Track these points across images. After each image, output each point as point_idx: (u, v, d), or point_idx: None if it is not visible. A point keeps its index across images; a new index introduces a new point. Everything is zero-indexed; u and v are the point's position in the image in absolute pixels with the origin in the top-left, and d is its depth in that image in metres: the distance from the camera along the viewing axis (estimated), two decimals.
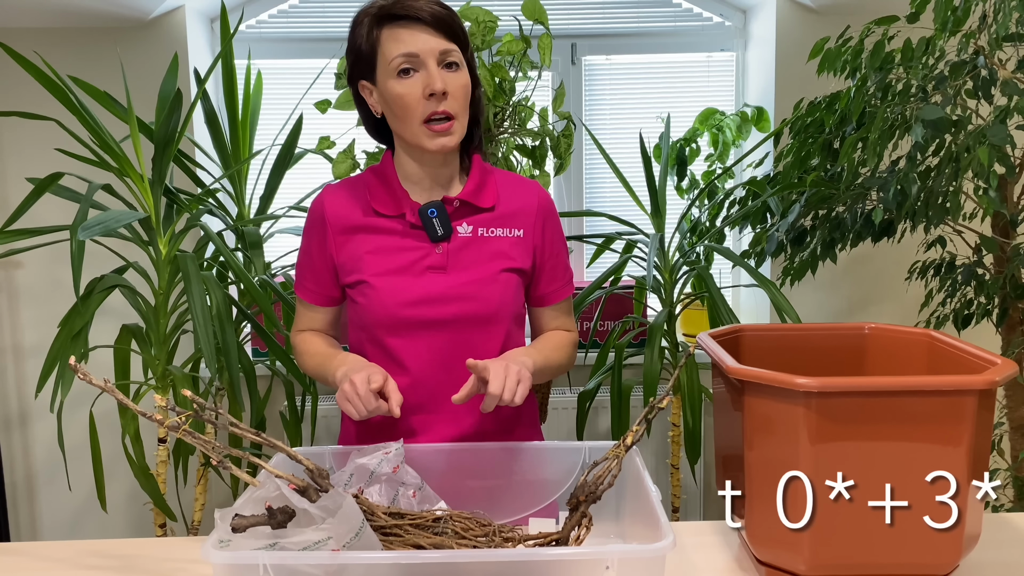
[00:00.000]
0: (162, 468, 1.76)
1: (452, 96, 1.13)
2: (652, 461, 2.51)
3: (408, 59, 1.11)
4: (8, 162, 2.38)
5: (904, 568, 0.92)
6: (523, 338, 1.31)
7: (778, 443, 0.91)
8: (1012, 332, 1.84)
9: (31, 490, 2.53)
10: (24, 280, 2.43)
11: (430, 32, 1.12)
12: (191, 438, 0.85)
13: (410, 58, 1.11)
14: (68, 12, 2.20)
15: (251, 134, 2.14)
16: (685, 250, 2.13)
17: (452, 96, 1.13)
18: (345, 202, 1.24)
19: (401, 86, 1.12)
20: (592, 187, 2.66)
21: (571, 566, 0.81)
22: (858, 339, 1.18)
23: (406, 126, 1.15)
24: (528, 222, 1.26)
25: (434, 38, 1.12)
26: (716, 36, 2.60)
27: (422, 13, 1.12)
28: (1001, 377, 0.87)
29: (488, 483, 1.12)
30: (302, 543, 0.81)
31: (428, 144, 1.15)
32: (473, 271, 1.21)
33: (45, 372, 1.55)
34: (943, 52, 1.66)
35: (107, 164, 1.72)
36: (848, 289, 2.54)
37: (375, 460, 1.04)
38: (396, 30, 1.13)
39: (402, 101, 1.13)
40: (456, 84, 1.14)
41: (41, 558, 1.09)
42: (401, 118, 1.15)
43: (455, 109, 1.14)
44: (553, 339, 1.30)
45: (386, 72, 1.13)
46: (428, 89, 1.11)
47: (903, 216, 1.75)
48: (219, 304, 1.59)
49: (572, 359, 1.33)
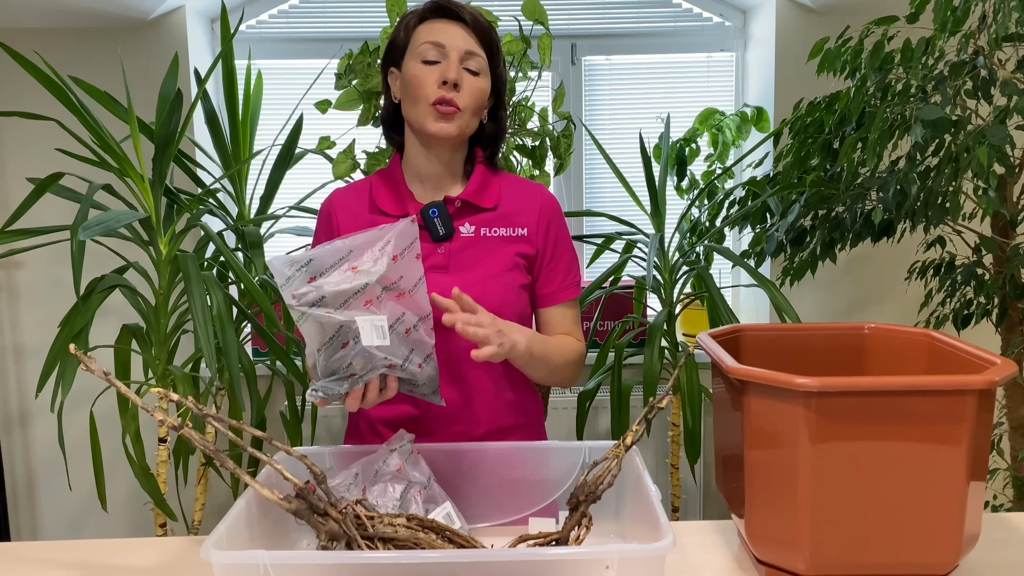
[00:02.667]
0: (162, 468, 1.76)
1: (465, 92, 1.18)
2: (652, 461, 2.51)
3: (435, 47, 1.18)
4: (8, 162, 2.38)
5: (904, 568, 0.92)
6: None
7: (778, 443, 0.91)
8: (1012, 332, 1.84)
9: (31, 490, 2.53)
10: (24, 280, 2.43)
11: (464, 30, 1.19)
12: (195, 432, 0.85)
13: (437, 47, 1.18)
14: (68, 12, 2.20)
15: (251, 134, 2.14)
16: (685, 250, 2.13)
17: (465, 92, 1.18)
18: (352, 201, 1.28)
19: (421, 70, 1.18)
20: (592, 187, 2.66)
21: (571, 566, 0.81)
22: (858, 339, 1.18)
23: (415, 107, 1.19)
24: (531, 221, 1.27)
25: (465, 36, 1.19)
26: (716, 36, 2.60)
27: (463, 13, 1.20)
28: (1001, 377, 0.88)
29: (488, 483, 1.12)
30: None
31: (430, 126, 1.18)
32: (475, 271, 1.22)
33: (45, 372, 1.55)
34: (943, 52, 1.66)
35: (107, 164, 1.72)
36: (848, 289, 2.54)
37: (381, 457, 1.04)
38: (435, 24, 1.20)
39: (417, 81, 1.18)
40: (471, 84, 1.19)
41: (41, 558, 1.09)
42: (413, 99, 1.19)
43: (463, 103, 1.18)
44: (562, 341, 1.30)
45: (412, 56, 1.20)
46: (443, 77, 1.17)
47: (903, 216, 1.75)
48: (219, 304, 1.59)
49: (574, 369, 1.32)
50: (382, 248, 1.00)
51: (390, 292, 1.01)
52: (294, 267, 0.96)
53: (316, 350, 0.99)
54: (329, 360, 0.99)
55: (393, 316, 1.01)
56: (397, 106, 1.26)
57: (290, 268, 0.96)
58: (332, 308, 0.96)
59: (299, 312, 0.95)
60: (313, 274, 0.96)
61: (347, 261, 0.98)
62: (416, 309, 1.04)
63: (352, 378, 1.01)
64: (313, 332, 0.97)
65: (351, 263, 0.98)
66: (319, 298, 0.95)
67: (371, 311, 0.98)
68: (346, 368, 1.00)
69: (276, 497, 0.85)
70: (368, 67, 1.85)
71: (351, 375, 1.00)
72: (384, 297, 1.00)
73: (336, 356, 0.99)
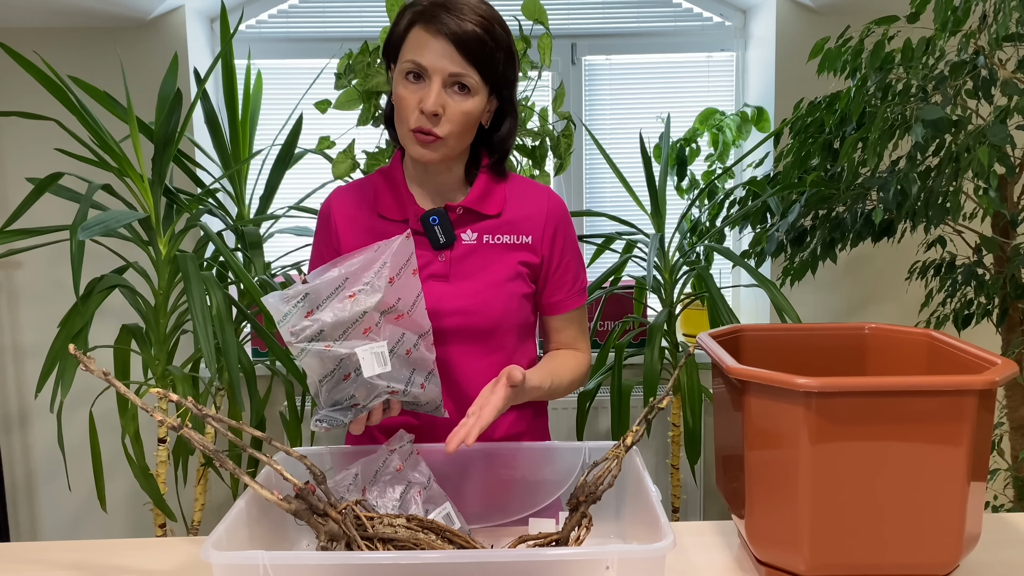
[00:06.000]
0: (162, 468, 1.76)
1: (447, 119, 1.11)
2: (652, 461, 2.51)
3: (416, 67, 1.11)
4: (8, 162, 2.38)
5: (904, 568, 0.92)
6: (532, 348, 1.29)
7: (778, 443, 0.91)
8: (1012, 332, 1.84)
9: (31, 490, 2.53)
10: (24, 280, 2.43)
11: (449, 50, 1.09)
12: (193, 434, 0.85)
13: (418, 67, 1.10)
14: (68, 12, 2.20)
15: (251, 134, 2.14)
16: (685, 250, 2.13)
17: (447, 119, 1.11)
18: (351, 203, 1.24)
19: (404, 89, 1.12)
20: (592, 187, 2.66)
21: (571, 566, 0.81)
22: (858, 339, 1.18)
23: (399, 127, 1.15)
24: (537, 228, 1.23)
25: (449, 58, 1.09)
26: (716, 36, 2.60)
27: (447, 28, 1.09)
28: (1001, 377, 0.87)
29: (488, 483, 1.12)
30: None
31: (411, 150, 1.14)
32: (476, 280, 1.19)
33: (45, 372, 1.55)
34: (943, 52, 1.66)
35: (107, 164, 1.72)
36: (848, 289, 2.54)
37: (380, 457, 1.04)
38: (422, 34, 1.11)
39: (400, 103, 1.13)
40: (456, 109, 1.11)
41: (41, 558, 1.09)
42: (397, 119, 1.15)
43: (445, 131, 1.11)
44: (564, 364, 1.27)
45: (399, 69, 1.14)
46: (420, 105, 1.10)
47: (903, 216, 1.75)
48: (219, 304, 1.59)
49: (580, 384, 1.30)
50: (377, 272, 0.98)
51: (388, 315, 1.00)
52: (291, 303, 0.95)
53: (318, 381, 0.99)
54: (331, 392, 0.99)
55: (393, 339, 1.00)
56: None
57: (286, 304, 0.95)
58: (331, 340, 0.95)
59: (299, 348, 0.95)
60: (311, 307, 0.96)
61: (343, 289, 0.97)
62: (415, 327, 1.04)
63: (356, 408, 1.01)
64: (314, 366, 0.97)
65: (347, 291, 0.97)
66: (318, 331, 0.95)
67: (371, 339, 0.97)
68: (349, 399, 1.00)
69: (276, 497, 0.85)
70: (368, 67, 1.85)
71: (354, 405, 1.00)
72: (382, 322, 0.99)
73: (338, 388, 0.99)
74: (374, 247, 1.00)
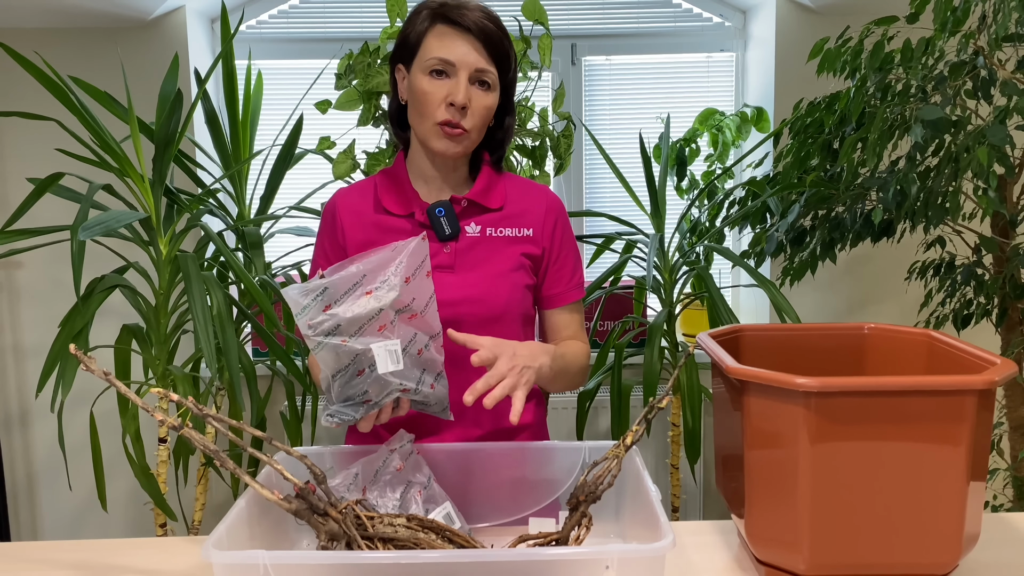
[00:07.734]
0: (162, 468, 1.76)
1: (472, 112, 1.16)
2: (652, 461, 2.51)
3: (443, 63, 1.14)
4: (8, 162, 2.38)
5: (904, 568, 0.92)
6: (532, 339, 1.31)
7: (778, 443, 0.91)
8: (1011, 332, 1.84)
9: (31, 490, 2.54)
10: (24, 280, 2.44)
11: (475, 46, 1.15)
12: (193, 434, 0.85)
13: (445, 63, 1.14)
14: (68, 12, 2.20)
15: (251, 134, 2.14)
16: (685, 250, 2.13)
17: (472, 112, 1.16)
18: (356, 201, 1.27)
19: (429, 84, 1.15)
20: (592, 187, 2.67)
21: (571, 566, 0.81)
22: (858, 339, 1.18)
23: (421, 122, 1.18)
24: (537, 222, 1.27)
25: (475, 53, 1.15)
26: (716, 36, 2.60)
27: (473, 26, 1.14)
28: (1001, 377, 0.88)
29: (488, 483, 1.12)
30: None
31: (435, 144, 1.17)
32: (481, 270, 1.22)
33: (45, 372, 1.55)
34: (943, 52, 1.66)
35: (107, 164, 1.72)
36: (848, 289, 2.55)
37: (381, 457, 1.04)
38: (445, 32, 1.16)
39: (425, 98, 1.16)
40: (480, 103, 1.16)
41: (41, 558, 1.09)
42: (419, 113, 1.18)
43: (470, 125, 1.16)
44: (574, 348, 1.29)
45: (421, 66, 1.16)
46: (450, 99, 1.14)
47: (903, 216, 1.75)
48: (219, 304, 1.59)
49: (585, 374, 1.32)
50: (395, 270, 1.00)
51: (403, 315, 1.01)
52: (309, 296, 0.96)
53: (331, 376, 1.00)
54: (344, 387, 1.00)
55: (406, 339, 1.01)
56: (404, 104, 1.25)
57: (305, 297, 0.96)
58: (347, 335, 0.96)
59: (315, 342, 0.96)
60: (328, 302, 0.97)
61: (361, 286, 0.98)
62: (427, 328, 1.05)
63: (367, 404, 1.01)
64: (329, 360, 0.98)
65: (364, 287, 0.98)
66: (335, 326, 0.96)
67: (385, 336, 0.99)
68: (361, 395, 1.00)
69: (276, 497, 0.85)
70: (368, 67, 1.85)
71: (366, 401, 1.01)
72: (397, 320, 1.01)
73: (351, 383, 1.00)
74: (391, 247, 1.01)
